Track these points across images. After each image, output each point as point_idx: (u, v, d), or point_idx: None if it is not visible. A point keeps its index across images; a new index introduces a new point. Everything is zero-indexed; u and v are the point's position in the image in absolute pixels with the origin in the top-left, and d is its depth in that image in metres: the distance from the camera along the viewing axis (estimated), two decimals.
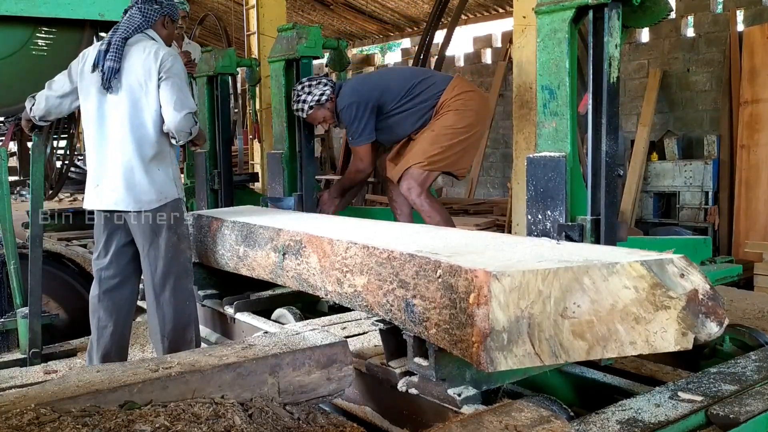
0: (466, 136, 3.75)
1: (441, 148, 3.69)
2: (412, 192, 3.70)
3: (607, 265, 1.72)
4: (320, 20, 13.25)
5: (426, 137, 3.75)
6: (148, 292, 3.06)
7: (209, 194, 5.18)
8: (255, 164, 8.55)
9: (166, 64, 2.91)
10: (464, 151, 3.80)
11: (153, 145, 2.96)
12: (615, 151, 2.34)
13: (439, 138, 3.70)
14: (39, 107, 3.12)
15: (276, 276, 2.82)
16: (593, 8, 2.27)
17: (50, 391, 1.78)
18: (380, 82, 3.95)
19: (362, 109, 3.76)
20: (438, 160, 3.71)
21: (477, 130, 3.87)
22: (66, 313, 3.94)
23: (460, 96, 3.77)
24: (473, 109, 3.78)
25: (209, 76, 5.11)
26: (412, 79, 3.86)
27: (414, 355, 2.05)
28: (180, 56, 3.12)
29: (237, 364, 2.00)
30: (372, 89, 3.83)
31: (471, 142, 3.82)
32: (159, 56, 2.91)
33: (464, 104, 3.75)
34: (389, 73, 4.03)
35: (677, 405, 1.93)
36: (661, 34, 8.24)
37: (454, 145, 3.72)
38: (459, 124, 3.72)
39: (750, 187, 7.06)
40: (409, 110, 3.81)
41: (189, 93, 3.00)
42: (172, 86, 2.90)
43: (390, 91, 3.82)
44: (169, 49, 3.00)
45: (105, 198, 3.01)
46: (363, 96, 3.78)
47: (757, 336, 2.71)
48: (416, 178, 3.68)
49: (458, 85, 3.83)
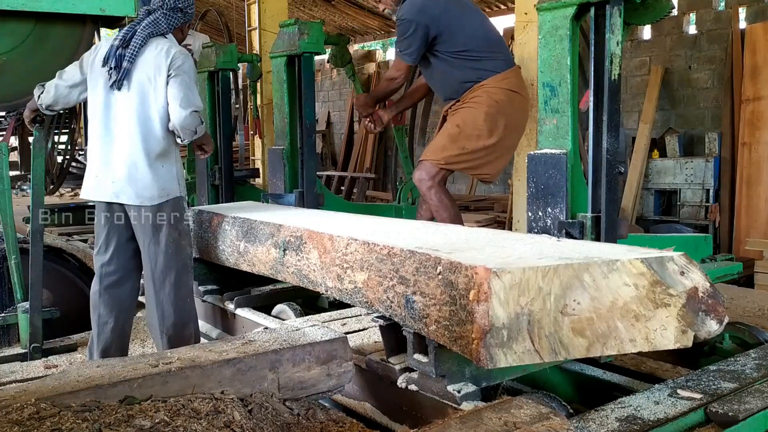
0: (494, 143, 3.39)
1: (462, 150, 3.39)
2: (422, 184, 3.46)
3: (608, 262, 1.72)
4: (322, 16, 13.23)
5: (450, 132, 3.43)
6: (147, 287, 3.07)
7: (210, 190, 5.19)
8: (256, 160, 8.55)
9: (177, 62, 2.93)
10: (488, 158, 3.44)
11: (159, 141, 2.97)
12: (616, 149, 2.33)
13: (463, 138, 3.38)
14: (48, 95, 3.13)
15: (276, 272, 2.82)
16: (595, 5, 2.26)
17: (50, 386, 1.78)
18: (455, 18, 3.46)
19: (418, 32, 3.40)
20: (456, 162, 3.42)
21: (510, 139, 3.51)
22: (66, 308, 3.93)
23: (504, 92, 3.42)
24: (511, 114, 3.43)
25: (210, 71, 5.11)
26: (486, 38, 3.46)
27: (414, 351, 2.05)
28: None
29: (237, 360, 2.01)
30: (438, 18, 3.40)
31: (500, 151, 3.45)
32: (171, 54, 2.93)
33: (505, 105, 3.40)
34: (470, 14, 3.48)
35: (677, 402, 1.93)
36: (663, 31, 8.22)
37: (479, 150, 3.38)
38: (490, 127, 3.37)
39: (751, 185, 7.05)
40: (457, 68, 3.44)
41: (196, 91, 3.01)
42: (180, 83, 2.92)
43: (456, 35, 3.42)
44: (181, 48, 3.03)
45: (104, 189, 3.01)
46: (424, 18, 3.38)
47: (757, 334, 2.71)
48: (428, 171, 3.43)
49: (511, 78, 3.46)
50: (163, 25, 3.01)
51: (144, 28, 2.97)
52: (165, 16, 3.01)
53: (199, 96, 3.05)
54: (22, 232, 4.05)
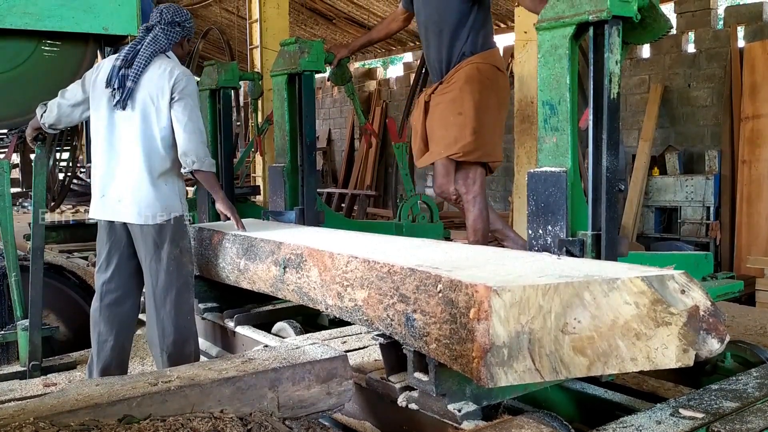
0: (496, 118, 3.30)
1: (474, 134, 3.24)
2: (463, 191, 3.38)
3: (608, 280, 1.72)
4: (322, 34, 13.34)
5: (455, 122, 3.30)
6: (148, 304, 3.06)
7: (211, 207, 5.19)
8: (257, 177, 8.58)
9: (180, 84, 2.94)
10: (494, 139, 3.33)
11: (162, 159, 2.98)
12: (616, 167, 2.34)
13: (470, 123, 3.25)
14: (50, 114, 3.15)
15: (276, 289, 2.81)
16: (594, 25, 2.28)
17: (49, 405, 1.77)
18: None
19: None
20: (472, 150, 3.27)
21: (503, 119, 3.44)
22: (66, 326, 3.93)
23: (492, 69, 3.34)
24: (501, 93, 3.35)
25: (212, 89, 5.13)
26: None
27: (414, 369, 2.04)
28: None
29: (236, 378, 2.00)
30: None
31: (500, 131, 3.39)
32: (174, 75, 2.95)
33: (495, 81, 3.32)
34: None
35: (678, 422, 1.92)
36: (662, 50, 8.27)
37: (486, 132, 3.26)
38: (488, 106, 3.25)
39: (751, 202, 7.07)
40: (472, 28, 3.32)
41: (200, 116, 3.04)
42: (184, 107, 2.95)
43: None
44: (184, 69, 3.04)
45: (109, 208, 3.02)
46: None
47: (759, 352, 2.70)
48: (465, 178, 3.33)
49: (494, 57, 3.39)
50: (163, 41, 3.02)
51: (146, 47, 2.98)
52: (164, 31, 3.02)
53: (201, 114, 3.06)
54: (23, 249, 4.06)
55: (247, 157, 8.21)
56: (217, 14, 13.51)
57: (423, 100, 3.58)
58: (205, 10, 13.62)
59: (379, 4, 11.73)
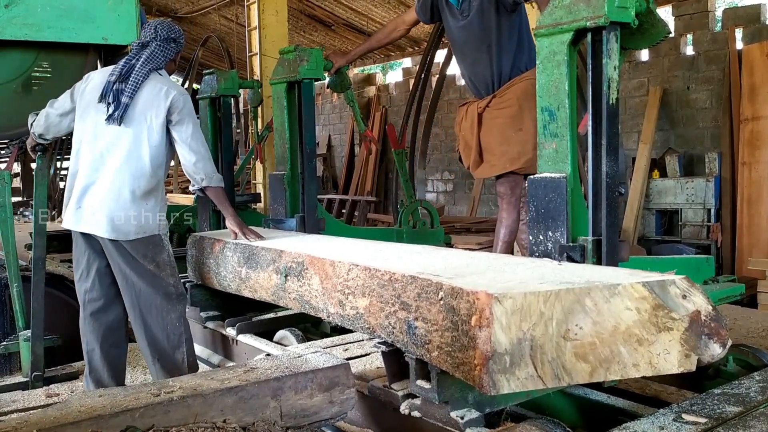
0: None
1: (533, 149, 3.22)
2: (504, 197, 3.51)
3: (609, 286, 1.72)
4: (322, 40, 13.36)
5: (518, 138, 3.39)
6: (131, 317, 3.05)
7: (211, 215, 5.18)
8: (257, 184, 8.58)
9: (178, 105, 2.96)
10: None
11: (148, 178, 2.97)
12: (615, 172, 2.34)
13: (531, 139, 3.26)
14: (39, 124, 3.15)
15: (278, 298, 2.82)
16: (591, 31, 2.28)
17: (52, 417, 1.77)
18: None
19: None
20: (533, 164, 3.28)
21: None
22: (68, 336, 3.92)
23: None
24: None
25: (212, 97, 5.14)
26: None
27: (416, 377, 2.04)
28: None
29: (239, 388, 2.00)
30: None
31: None
32: (170, 96, 2.96)
33: None
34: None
35: (681, 427, 1.91)
36: (661, 53, 8.28)
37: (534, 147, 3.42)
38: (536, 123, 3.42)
39: (752, 204, 7.07)
40: (516, 46, 3.38)
41: (201, 133, 3.08)
42: (186, 127, 2.98)
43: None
44: (178, 87, 3.06)
45: (84, 221, 2.97)
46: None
47: (761, 356, 2.69)
48: (509, 184, 3.46)
49: None
50: (160, 58, 3.02)
51: (143, 64, 2.97)
52: (160, 47, 3.02)
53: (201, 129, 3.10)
54: (24, 259, 4.05)
55: (247, 164, 8.21)
56: (216, 22, 13.53)
57: (475, 112, 3.61)
58: (204, 18, 13.64)
59: (378, 11, 11.75)
